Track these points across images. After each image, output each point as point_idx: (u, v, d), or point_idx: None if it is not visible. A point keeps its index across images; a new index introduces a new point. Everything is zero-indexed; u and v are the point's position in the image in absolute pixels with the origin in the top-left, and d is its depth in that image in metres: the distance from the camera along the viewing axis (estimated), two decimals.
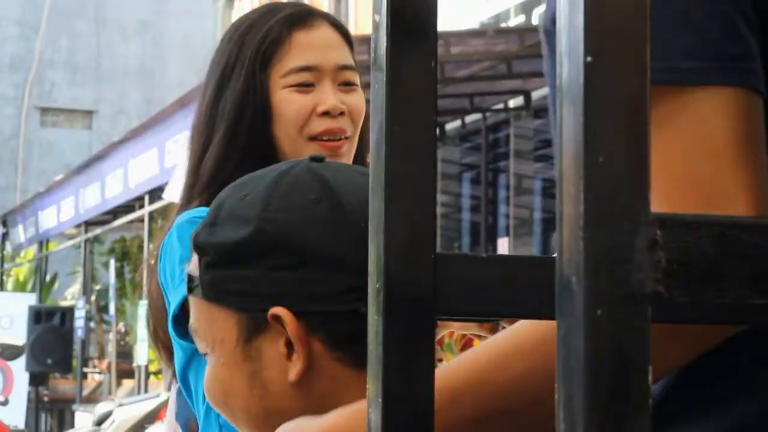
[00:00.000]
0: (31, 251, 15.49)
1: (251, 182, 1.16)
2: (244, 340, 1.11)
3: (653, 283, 0.48)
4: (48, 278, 15.27)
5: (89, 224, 12.61)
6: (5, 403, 6.83)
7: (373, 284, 0.49)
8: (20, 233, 14.36)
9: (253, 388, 1.12)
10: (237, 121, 1.72)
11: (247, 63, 1.72)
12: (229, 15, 16.98)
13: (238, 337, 1.12)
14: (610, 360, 0.48)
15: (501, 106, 10.65)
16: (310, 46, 1.74)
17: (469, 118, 11.06)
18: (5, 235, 15.12)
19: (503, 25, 10.04)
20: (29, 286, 15.74)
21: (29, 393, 10.91)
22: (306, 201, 1.12)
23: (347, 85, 1.75)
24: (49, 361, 10.35)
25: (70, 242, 14.34)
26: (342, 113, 1.73)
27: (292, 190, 1.13)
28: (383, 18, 0.51)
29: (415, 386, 0.49)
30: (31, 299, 12.70)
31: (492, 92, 10.23)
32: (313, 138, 1.73)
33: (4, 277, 15.67)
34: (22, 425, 10.62)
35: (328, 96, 1.73)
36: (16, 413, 10.33)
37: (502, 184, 11.40)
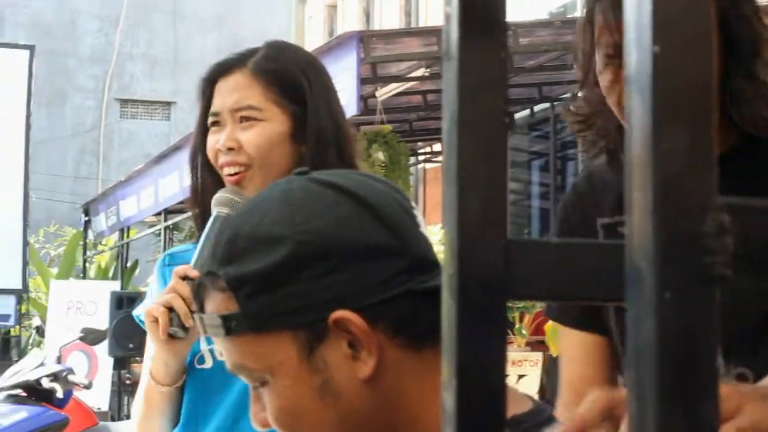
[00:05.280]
0: (113, 239, 15.69)
1: (255, 209, 1.15)
2: (306, 354, 1.11)
3: (721, 267, 0.49)
4: (129, 265, 15.46)
5: (168, 212, 12.75)
6: (89, 386, 6.95)
7: (447, 270, 0.51)
8: (102, 221, 14.56)
9: (325, 398, 1.11)
10: (194, 165, 2.09)
11: (200, 116, 2.07)
12: (302, 8, 17.05)
13: (299, 354, 1.11)
14: (679, 342, 0.49)
15: (569, 95, 10.58)
16: (218, 93, 2.03)
17: (538, 108, 11.02)
18: (87, 224, 15.33)
19: (570, 15, 9.98)
20: (111, 273, 15.95)
21: (112, 376, 11.09)
22: (326, 205, 1.13)
23: (245, 122, 2.00)
24: (131, 345, 10.49)
25: (151, 230, 14.52)
26: (231, 149, 1.99)
27: (307, 200, 1.13)
28: (454, 10, 0.52)
29: (488, 368, 0.50)
30: (114, 286, 12.88)
31: (560, 82, 10.20)
32: (222, 170, 2.02)
33: (87, 265, 15.90)
34: (105, 407, 10.81)
35: (221, 135, 2.01)
36: (100, 396, 10.52)
37: (570, 171, 11.35)
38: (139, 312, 2.05)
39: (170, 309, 1.86)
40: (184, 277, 1.88)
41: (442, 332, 0.51)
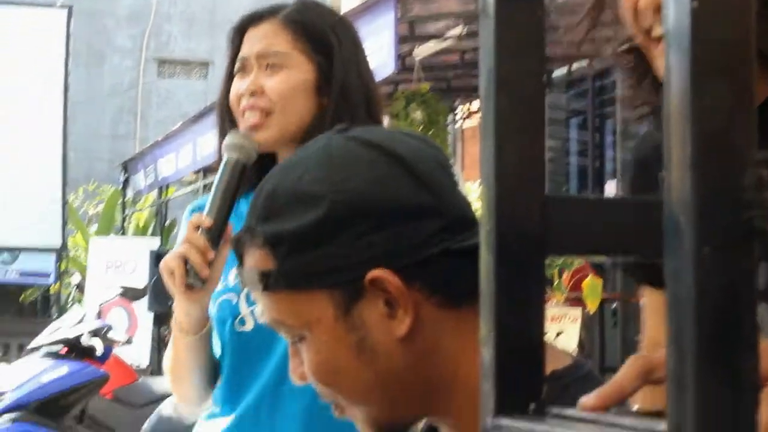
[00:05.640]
0: (151, 197, 15.78)
1: (295, 166, 1.16)
2: (343, 312, 1.12)
3: (760, 221, 0.49)
4: (167, 223, 15.55)
5: (207, 171, 12.80)
6: (129, 342, 7.03)
7: (485, 226, 0.51)
8: (140, 180, 14.63)
9: (362, 355, 1.12)
10: (221, 117, 2.09)
11: (228, 65, 2.09)
12: None
13: (335, 312, 1.12)
14: (718, 297, 0.49)
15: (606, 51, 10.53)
16: (247, 41, 2.06)
17: (576, 65, 10.97)
18: (126, 182, 15.42)
19: None
20: (149, 231, 16.05)
21: (152, 333, 11.20)
22: (364, 164, 1.13)
23: (271, 68, 2.02)
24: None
25: (189, 188, 14.59)
26: (254, 92, 2.01)
27: (345, 159, 1.13)
28: None
29: (527, 322, 0.51)
30: (153, 243, 12.97)
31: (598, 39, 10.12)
32: (242, 115, 2.03)
33: (126, 223, 16.00)
34: (145, 364, 10.92)
35: (247, 80, 2.03)
36: (140, 352, 10.63)
37: (609, 129, 11.30)
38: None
39: (186, 260, 1.85)
40: (198, 227, 1.87)
41: (480, 289, 0.52)
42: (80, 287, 12.60)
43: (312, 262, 1.11)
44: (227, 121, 2.08)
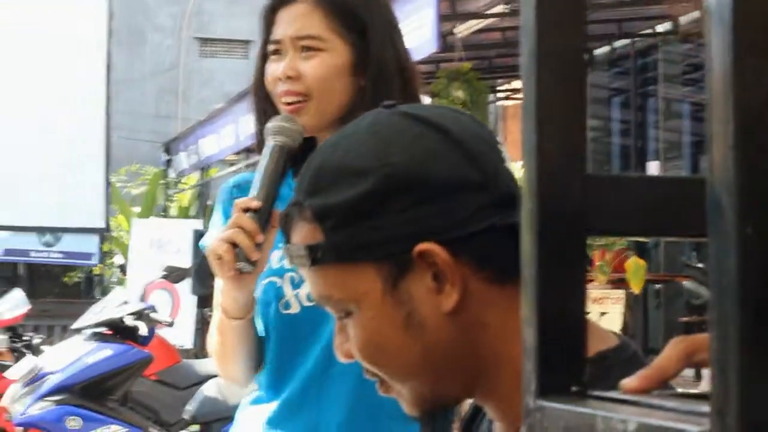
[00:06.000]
0: (194, 177, 15.84)
1: (342, 141, 1.16)
2: (391, 286, 1.12)
3: None
4: (210, 203, 15.59)
5: (249, 151, 12.83)
6: (171, 324, 7.06)
7: (526, 205, 0.51)
8: (183, 160, 14.69)
9: (409, 329, 1.12)
10: (257, 97, 2.08)
11: (261, 45, 2.07)
12: None
13: (383, 286, 1.12)
14: (762, 277, 0.48)
15: (649, 31, 10.49)
16: (280, 22, 2.02)
17: (618, 44, 10.92)
18: (168, 162, 15.48)
19: None
20: (192, 212, 16.11)
21: (196, 315, 11.25)
22: (411, 138, 1.13)
23: (306, 51, 2.00)
24: (213, 284, 10.59)
25: (231, 168, 14.63)
26: (290, 77, 1.99)
27: (393, 134, 1.14)
28: None
29: (568, 303, 0.50)
30: (196, 225, 13.03)
31: (640, 17, 10.08)
32: (280, 99, 2.01)
33: (168, 203, 16.08)
34: (189, 345, 10.98)
35: (281, 63, 2.00)
36: (183, 334, 10.69)
37: (651, 108, 11.24)
38: (205, 242, 2.05)
39: (234, 244, 1.84)
40: (246, 209, 1.86)
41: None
42: (123, 268, 12.67)
43: (360, 235, 1.12)
44: (265, 102, 2.06)
